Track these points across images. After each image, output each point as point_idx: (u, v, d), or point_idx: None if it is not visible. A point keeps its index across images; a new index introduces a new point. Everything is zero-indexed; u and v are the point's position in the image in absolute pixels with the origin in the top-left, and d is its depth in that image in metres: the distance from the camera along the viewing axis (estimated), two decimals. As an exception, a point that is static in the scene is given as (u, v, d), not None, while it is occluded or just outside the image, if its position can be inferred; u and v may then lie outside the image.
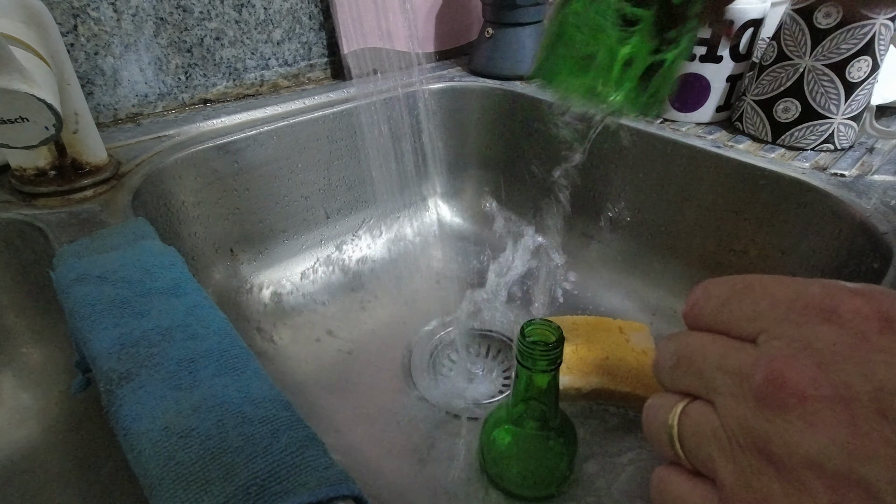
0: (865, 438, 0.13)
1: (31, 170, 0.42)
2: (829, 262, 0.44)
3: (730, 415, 0.15)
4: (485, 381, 0.50)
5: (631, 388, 0.44)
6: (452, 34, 0.75)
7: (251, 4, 0.58)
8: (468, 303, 0.58)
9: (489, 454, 0.40)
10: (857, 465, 0.13)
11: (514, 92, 0.65)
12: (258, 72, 0.62)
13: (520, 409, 0.37)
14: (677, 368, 0.18)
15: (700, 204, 0.52)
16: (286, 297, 0.57)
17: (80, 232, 0.38)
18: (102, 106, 0.53)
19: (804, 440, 0.13)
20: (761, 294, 0.16)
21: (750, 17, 0.49)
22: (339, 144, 0.60)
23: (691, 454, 0.17)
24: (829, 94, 0.46)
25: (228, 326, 0.28)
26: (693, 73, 0.52)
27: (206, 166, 0.51)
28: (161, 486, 0.21)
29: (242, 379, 0.25)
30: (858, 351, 0.14)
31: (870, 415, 0.13)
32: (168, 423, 0.23)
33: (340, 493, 0.21)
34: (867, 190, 0.43)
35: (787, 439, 0.14)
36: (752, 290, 0.17)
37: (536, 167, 0.65)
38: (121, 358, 0.26)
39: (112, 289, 0.30)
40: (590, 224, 0.62)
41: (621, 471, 0.42)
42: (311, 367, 0.51)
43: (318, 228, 0.61)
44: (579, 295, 0.59)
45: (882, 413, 0.13)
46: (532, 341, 0.33)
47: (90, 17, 0.49)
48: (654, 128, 0.54)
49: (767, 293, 0.16)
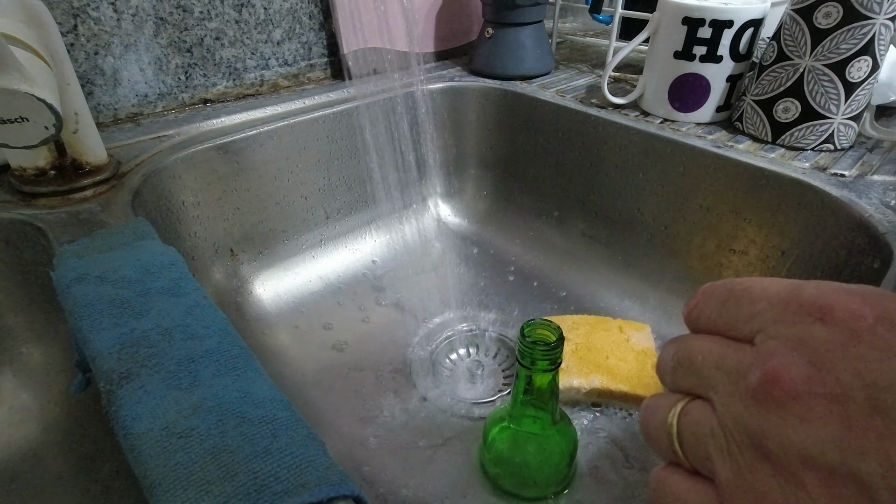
0: (859, 433, 0.13)
1: (31, 170, 0.42)
2: (829, 262, 0.44)
3: (727, 413, 0.16)
4: (485, 380, 0.50)
5: (631, 388, 0.44)
6: (452, 34, 0.75)
7: (251, 4, 0.58)
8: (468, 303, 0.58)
9: (489, 454, 0.40)
10: (850, 460, 0.13)
11: (514, 92, 0.65)
12: (258, 72, 0.62)
13: (520, 409, 0.37)
14: (677, 369, 0.18)
15: (700, 204, 0.52)
16: (286, 297, 0.57)
17: (80, 232, 0.38)
18: (102, 106, 0.53)
19: (799, 436, 0.14)
20: (758, 295, 0.17)
21: (750, 17, 0.49)
22: (339, 144, 0.60)
23: (690, 453, 0.17)
24: (829, 94, 0.46)
25: (228, 326, 0.28)
26: (693, 73, 0.52)
27: (206, 166, 0.51)
28: (161, 487, 0.21)
29: (242, 379, 0.25)
30: (851, 349, 0.14)
31: (863, 410, 0.13)
32: (168, 423, 0.23)
33: (340, 493, 0.21)
34: (867, 190, 0.43)
35: (782, 435, 0.14)
36: (750, 292, 0.17)
37: (536, 167, 0.65)
38: (121, 358, 0.26)
39: (112, 289, 0.30)
40: (590, 224, 0.62)
41: (621, 471, 0.42)
42: (311, 367, 0.51)
43: (318, 228, 0.62)
44: (579, 295, 0.59)
45: (875, 408, 0.13)
46: (532, 341, 0.33)
47: (90, 17, 0.49)
48: (654, 128, 0.54)
49: (764, 294, 0.16)
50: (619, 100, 0.58)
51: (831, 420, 0.13)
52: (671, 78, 0.54)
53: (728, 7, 0.49)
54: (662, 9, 0.53)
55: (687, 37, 0.51)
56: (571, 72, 0.71)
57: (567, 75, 0.70)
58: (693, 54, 0.51)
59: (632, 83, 0.65)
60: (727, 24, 0.49)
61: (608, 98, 0.58)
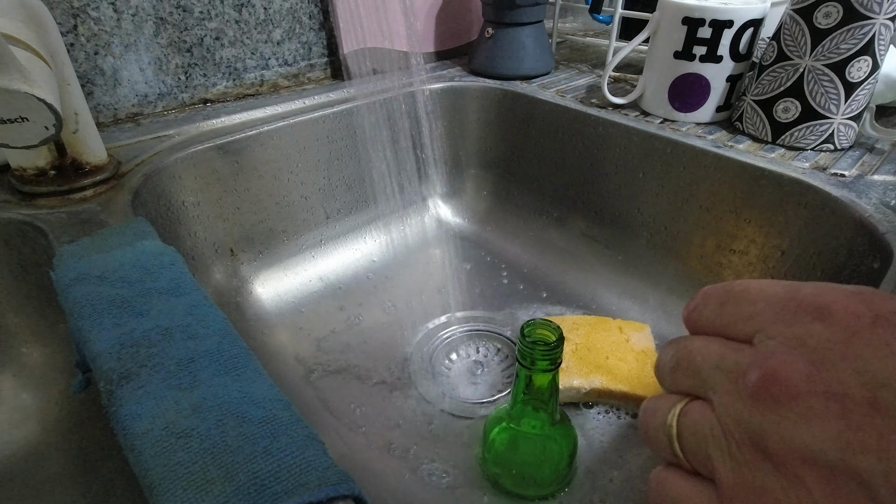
0: (858, 431, 0.13)
1: (31, 170, 0.42)
2: (829, 262, 0.44)
3: (727, 412, 0.16)
4: (485, 380, 0.50)
5: (631, 388, 0.44)
6: (452, 34, 0.75)
7: (251, 4, 0.58)
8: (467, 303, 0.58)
9: (489, 454, 0.40)
10: (850, 458, 0.13)
11: (514, 92, 0.65)
12: (258, 72, 0.62)
13: (520, 409, 0.37)
14: (677, 370, 0.18)
15: (700, 204, 0.52)
16: (286, 297, 0.57)
17: (80, 232, 0.38)
18: (102, 106, 0.53)
19: (798, 434, 0.14)
20: (756, 296, 0.17)
21: (750, 17, 0.49)
22: (338, 144, 0.60)
23: (690, 453, 0.17)
24: (829, 94, 0.46)
25: (228, 326, 0.28)
26: (693, 73, 0.52)
27: (206, 166, 0.51)
28: (161, 486, 0.21)
29: (242, 379, 0.25)
30: (850, 347, 0.14)
31: (862, 408, 0.13)
32: (168, 423, 0.23)
33: (340, 493, 0.21)
34: (867, 190, 0.43)
35: (781, 434, 0.14)
36: (748, 293, 0.17)
37: (536, 167, 0.65)
38: (121, 358, 0.26)
39: (112, 289, 0.30)
40: (590, 224, 0.62)
41: (622, 471, 0.42)
42: (311, 368, 0.51)
43: (318, 228, 0.62)
44: (579, 295, 0.59)
45: (874, 406, 0.13)
46: (532, 341, 0.33)
47: (90, 17, 0.49)
48: (654, 128, 0.54)
49: (762, 295, 0.17)
50: (619, 100, 0.58)
51: (831, 418, 0.13)
52: (671, 78, 0.54)
53: (728, 7, 0.49)
54: (662, 9, 0.53)
55: (687, 37, 0.51)
56: (571, 72, 0.71)
57: (567, 75, 0.70)
58: (693, 54, 0.51)
59: (632, 83, 0.65)
60: (727, 24, 0.49)
61: (608, 98, 0.58)
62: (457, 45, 0.76)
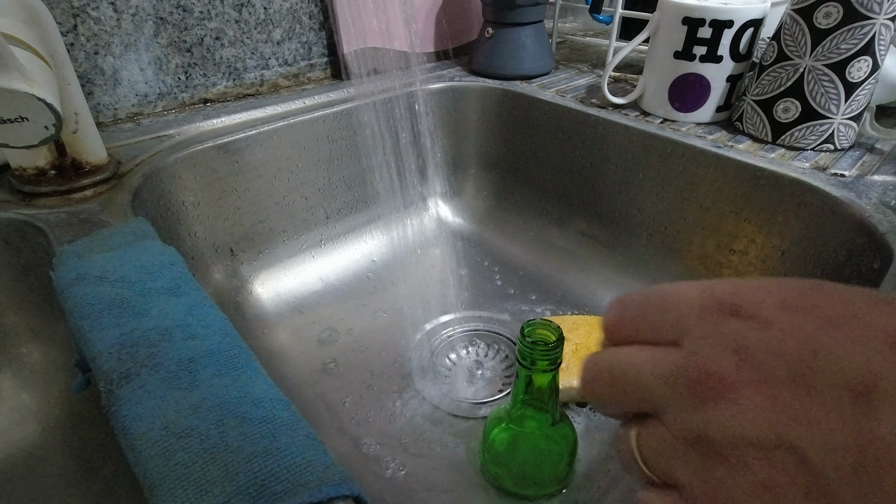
0: (786, 407, 0.14)
1: (31, 169, 0.42)
2: (829, 262, 0.44)
3: (673, 420, 0.16)
4: (485, 380, 0.50)
5: (631, 388, 0.44)
6: (452, 34, 0.75)
7: (251, 4, 0.58)
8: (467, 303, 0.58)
9: (489, 454, 0.40)
10: (783, 431, 0.14)
11: (514, 92, 0.65)
12: (258, 71, 0.62)
13: (520, 409, 0.37)
14: (613, 385, 0.18)
15: (700, 204, 0.52)
16: (286, 297, 0.57)
17: (80, 232, 0.38)
18: (102, 106, 0.53)
19: (734, 421, 0.15)
20: (677, 299, 0.17)
21: (750, 17, 0.49)
22: (339, 144, 0.60)
23: (656, 472, 0.18)
24: (829, 94, 0.46)
25: (228, 326, 0.28)
26: (693, 73, 0.52)
27: (206, 166, 0.51)
28: (161, 487, 0.21)
29: (242, 379, 0.25)
30: (768, 335, 0.15)
31: (786, 386, 0.14)
32: (168, 423, 0.23)
33: (340, 493, 0.21)
34: (867, 190, 0.43)
35: (722, 424, 0.15)
36: (669, 298, 0.18)
37: (536, 167, 0.65)
38: (121, 358, 0.26)
39: (112, 288, 0.30)
40: (590, 224, 0.62)
41: (621, 471, 0.42)
42: (311, 367, 0.51)
43: (318, 228, 0.62)
44: (579, 295, 0.59)
45: (796, 382, 0.14)
46: (532, 341, 0.33)
47: (90, 17, 0.49)
48: (654, 128, 0.54)
49: (681, 297, 0.17)
50: (619, 100, 0.58)
51: (761, 399, 0.14)
52: (671, 78, 0.54)
53: (728, 7, 0.49)
54: (662, 9, 0.53)
55: (687, 37, 0.51)
56: (571, 72, 0.71)
57: (567, 75, 0.70)
58: (693, 54, 0.51)
59: (632, 83, 0.65)
60: (727, 24, 0.49)
61: (608, 98, 0.58)
62: (457, 45, 0.76)
